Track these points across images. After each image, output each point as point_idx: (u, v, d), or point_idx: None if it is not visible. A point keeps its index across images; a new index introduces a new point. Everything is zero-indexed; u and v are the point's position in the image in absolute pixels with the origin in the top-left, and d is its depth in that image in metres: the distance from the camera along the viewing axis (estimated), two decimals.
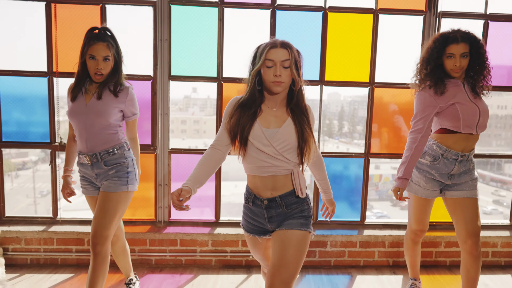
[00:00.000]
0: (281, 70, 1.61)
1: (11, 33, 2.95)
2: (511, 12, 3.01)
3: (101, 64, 2.05)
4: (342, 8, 2.94)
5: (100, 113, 2.07)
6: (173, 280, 2.75)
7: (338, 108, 24.50)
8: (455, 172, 2.17)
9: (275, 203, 1.70)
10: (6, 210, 3.03)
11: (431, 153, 2.19)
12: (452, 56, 2.09)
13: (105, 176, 2.13)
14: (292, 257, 1.62)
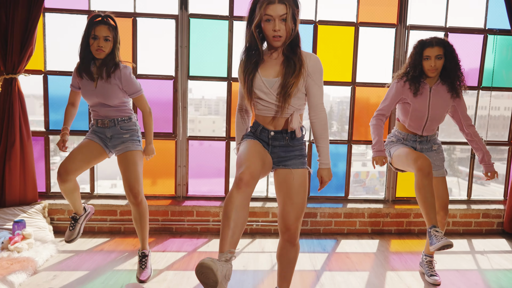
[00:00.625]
0: (280, 24, 1.73)
1: (59, 40, 3.54)
2: (466, 25, 3.69)
3: (102, 43, 2.38)
4: (329, 22, 3.60)
5: (107, 95, 2.44)
6: (191, 243, 3.36)
7: (327, 109, 25.14)
8: (418, 149, 2.66)
9: (280, 135, 1.89)
10: (51, 187, 3.63)
11: (395, 136, 2.74)
12: (428, 58, 2.49)
13: (119, 139, 2.52)
14: (299, 195, 1.88)
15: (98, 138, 2.58)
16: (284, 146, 1.91)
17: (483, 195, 4.14)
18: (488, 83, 3.76)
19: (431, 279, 2.70)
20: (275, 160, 1.93)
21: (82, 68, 2.47)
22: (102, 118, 2.55)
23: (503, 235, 3.74)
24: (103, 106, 2.52)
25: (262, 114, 1.91)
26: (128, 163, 2.52)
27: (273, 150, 1.92)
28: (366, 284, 2.70)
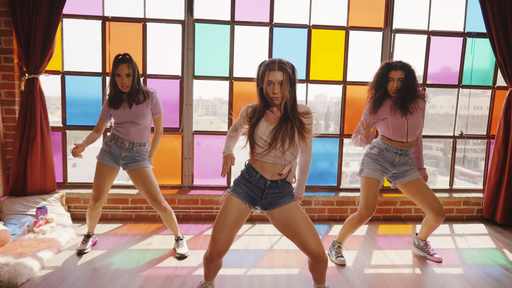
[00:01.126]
0: (278, 88, 2.04)
1: (75, 43, 3.86)
2: (447, 29, 4.04)
3: (125, 80, 2.78)
4: (322, 26, 3.94)
5: (139, 115, 2.87)
6: (197, 227, 3.69)
7: (325, 109, 25.66)
8: (396, 163, 2.82)
9: (276, 184, 2.16)
10: (68, 178, 3.95)
11: (378, 146, 2.84)
12: (391, 79, 2.74)
13: (132, 159, 2.90)
14: (307, 222, 2.11)
15: (110, 158, 2.92)
16: (278, 192, 2.18)
17: (465, 185, 4.48)
18: (467, 82, 4.11)
19: (434, 258, 3.04)
20: (266, 203, 2.20)
21: (115, 101, 2.86)
22: (123, 139, 2.89)
23: (481, 221, 4.09)
24: (132, 124, 2.87)
25: (262, 160, 2.13)
26: (146, 179, 2.92)
27: (267, 196, 2.18)
28: (355, 260, 3.03)
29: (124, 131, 2.90)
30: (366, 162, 2.88)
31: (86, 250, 3.01)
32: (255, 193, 2.18)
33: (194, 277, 2.67)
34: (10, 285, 2.46)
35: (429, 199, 2.82)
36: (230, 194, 2.19)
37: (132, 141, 2.91)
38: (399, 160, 2.82)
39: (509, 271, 2.90)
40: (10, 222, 3.34)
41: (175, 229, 3.11)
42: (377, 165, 2.83)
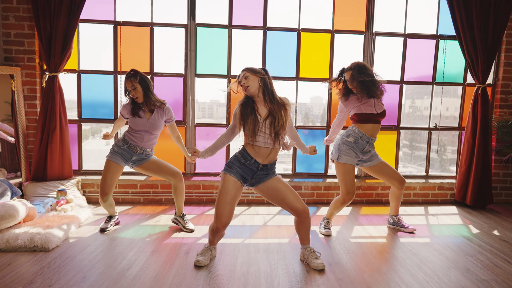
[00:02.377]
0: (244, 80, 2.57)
1: (91, 45, 4.31)
2: (422, 32, 4.52)
3: (132, 93, 3.19)
4: (310, 29, 4.41)
5: (155, 126, 3.31)
6: (199, 209, 4.13)
7: (321, 111, 26.28)
8: (365, 150, 3.29)
9: (266, 167, 2.64)
10: (83, 165, 4.39)
11: (354, 135, 3.23)
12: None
13: (140, 160, 3.36)
14: (287, 187, 2.66)
15: (121, 158, 3.32)
16: (266, 172, 2.66)
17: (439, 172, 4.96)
18: (440, 79, 4.59)
19: (409, 229, 3.51)
20: (254, 182, 2.67)
21: (134, 109, 3.28)
22: (136, 146, 3.31)
23: (454, 204, 4.57)
24: (147, 133, 3.30)
25: (259, 145, 2.57)
26: (159, 164, 3.42)
27: (257, 177, 2.65)
28: (337, 233, 3.49)
29: (138, 138, 3.31)
30: (344, 149, 3.24)
31: (108, 229, 3.41)
32: (247, 174, 2.64)
33: (199, 245, 3.12)
34: (42, 249, 2.90)
35: (391, 173, 3.36)
36: (227, 174, 2.63)
37: (144, 148, 3.35)
38: (368, 148, 3.30)
39: (470, 240, 3.37)
40: (34, 203, 3.77)
41: (181, 202, 3.50)
42: (352, 152, 3.25)
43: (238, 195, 2.64)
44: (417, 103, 19.85)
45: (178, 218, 3.54)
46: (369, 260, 2.90)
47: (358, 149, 3.27)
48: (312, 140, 4.63)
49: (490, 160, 4.37)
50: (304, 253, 2.81)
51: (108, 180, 3.29)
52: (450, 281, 2.60)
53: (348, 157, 3.24)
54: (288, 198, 2.64)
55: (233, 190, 2.60)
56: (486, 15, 4.18)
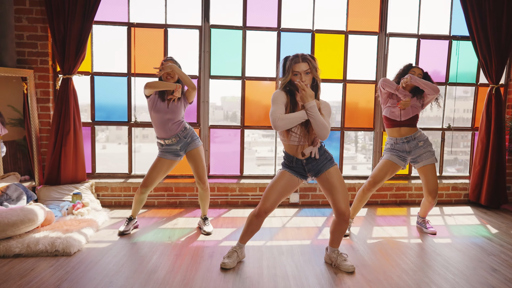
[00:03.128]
0: (305, 77, 2.42)
1: (104, 47, 4.27)
2: (435, 33, 4.53)
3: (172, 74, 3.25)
4: (324, 31, 4.40)
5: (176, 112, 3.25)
6: (214, 212, 4.10)
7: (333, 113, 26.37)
8: (409, 149, 3.36)
9: (310, 159, 2.58)
10: (96, 168, 4.35)
11: (389, 142, 3.41)
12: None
13: (186, 145, 3.33)
14: (342, 185, 2.57)
15: (170, 154, 3.32)
16: (315, 163, 2.58)
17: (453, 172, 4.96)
18: (453, 80, 4.60)
19: (429, 230, 3.52)
20: (313, 173, 2.61)
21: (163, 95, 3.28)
22: (168, 137, 3.27)
23: (468, 204, 4.57)
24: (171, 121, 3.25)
25: (292, 144, 2.54)
26: (196, 159, 3.35)
27: (310, 169, 2.59)
28: (358, 233, 3.47)
29: (163, 131, 3.26)
30: (385, 151, 3.43)
31: (127, 231, 3.37)
32: (300, 170, 2.62)
33: (221, 247, 3.09)
34: (64, 254, 2.85)
35: (428, 180, 3.32)
36: (284, 170, 2.63)
37: (175, 134, 3.29)
38: (410, 146, 3.32)
39: (491, 240, 3.36)
40: (49, 207, 3.72)
41: (206, 208, 3.52)
42: (393, 153, 3.36)
43: (290, 188, 2.62)
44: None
45: (200, 220, 3.56)
46: (394, 260, 2.89)
47: (399, 150, 3.35)
48: (329, 142, 4.60)
49: (504, 160, 4.37)
50: (331, 256, 2.78)
51: (153, 174, 3.29)
52: (478, 280, 2.58)
53: (388, 153, 3.38)
54: (337, 194, 2.58)
55: (285, 181, 2.59)
56: (500, 14, 4.19)
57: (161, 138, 3.33)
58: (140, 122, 4.28)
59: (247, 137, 4.55)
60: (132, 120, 4.29)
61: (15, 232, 2.95)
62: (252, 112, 4.44)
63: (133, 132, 4.31)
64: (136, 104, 4.26)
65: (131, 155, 4.34)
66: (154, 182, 3.31)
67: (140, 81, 4.21)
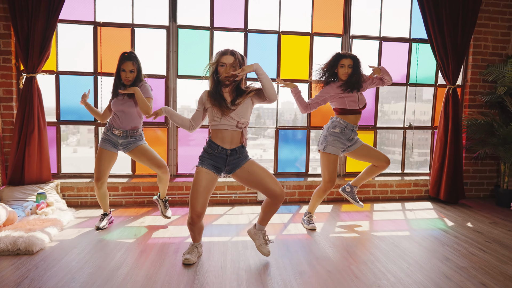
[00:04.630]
0: (230, 69, 2.52)
1: (70, 46, 4.24)
2: (396, 35, 4.72)
3: (128, 74, 3.26)
4: (290, 32, 4.52)
5: (131, 105, 3.31)
6: (182, 210, 4.13)
7: (292, 116, 26.58)
8: (352, 137, 3.52)
9: (235, 151, 2.63)
10: (62, 168, 4.29)
11: (339, 125, 3.49)
12: (343, 66, 3.39)
13: (128, 144, 3.35)
14: (263, 171, 2.66)
15: (109, 145, 3.35)
16: (237, 159, 2.66)
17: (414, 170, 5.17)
18: (413, 81, 4.80)
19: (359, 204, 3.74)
20: (229, 169, 2.67)
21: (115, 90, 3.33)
22: (117, 128, 3.33)
23: (428, 199, 4.77)
24: (123, 113, 3.31)
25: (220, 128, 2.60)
26: (146, 153, 3.41)
27: (229, 163, 2.66)
28: (321, 229, 3.58)
29: (117, 120, 3.34)
30: (330, 140, 3.42)
31: (104, 227, 3.40)
32: (219, 163, 2.65)
33: (186, 244, 3.12)
34: (27, 252, 2.82)
35: (376, 154, 3.53)
36: (199, 167, 2.65)
37: (126, 129, 3.35)
38: (353, 135, 3.50)
39: (446, 232, 3.54)
40: (12, 207, 3.65)
41: (165, 190, 3.63)
42: (338, 143, 3.43)
43: (211, 186, 2.65)
44: (385, 108, 20.47)
45: (160, 201, 3.64)
46: (354, 253, 3.00)
47: (344, 138, 3.46)
48: (292, 142, 4.72)
49: (461, 157, 4.60)
50: (256, 233, 2.86)
51: (101, 167, 3.31)
52: (432, 269, 2.73)
53: (333, 147, 3.42)
54: (266, 180, 2.64)
55: (204, 180, 2.60)
56: (455, 21, 4.42)
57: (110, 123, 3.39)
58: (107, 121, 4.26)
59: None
60: None
61: None
62: None
63: (99, 131, 4.28)
64: (103, 103, 4.24)
65: None
66: (105, 173, 3.34)
67: (107, 80, 4.20)
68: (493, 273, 2.68)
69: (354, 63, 3.41)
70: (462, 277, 2.61)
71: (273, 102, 2.63)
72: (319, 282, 2.49)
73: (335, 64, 3.44)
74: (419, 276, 2.60)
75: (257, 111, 4.83)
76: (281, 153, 4.66)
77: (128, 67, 3.23)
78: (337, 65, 3.44)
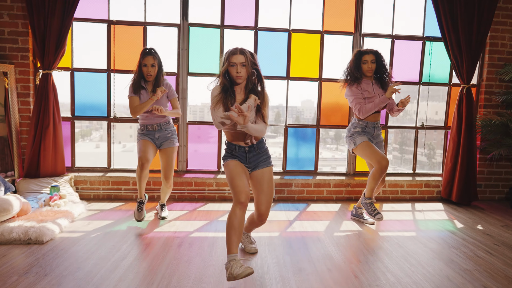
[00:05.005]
0: (240, 68, 2.44)
1: (84, 43, 4.36)
2: (408, 33, 4.65)
3: (150, 69, 3.39)
4: (300, 30, 4.52)
5: (160, 103, 3.43)
6: (191, 206, 4.20)
7: (312, 115, 26.52)
8: (375, 134, 3.59)
9: (252, 147, 2.60)
10: (76, 162, 4.43)
11: (359, 126, 3.56)
12: (366, 62, 3.51)
13: (164, 137, 3.50)
14: (270, 188, 2.60)
15: (148, 138, 3.49)
16: (256, 154, 2.61)
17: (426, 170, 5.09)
18: (426, 80, 4.73)
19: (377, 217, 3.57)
20: (252, 166, 2.61)
21: (135, 88, 3.37)
22: (152, 124, 3.46)
23: (440, 201, 4.70)
24: (151, 113, 3.42)
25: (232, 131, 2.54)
26: (168, 158, 3.50)
27: (250, 160, 2.60)
28: (327, 227, 3.58)
29: (146, 119, 3.46)
30: (355, 135, 3.55)
31: (143, 217, 3.50)
32: (242, 160, 2.59)
33: (191, 238, 3.19)
34: (37, 242, 2.94)
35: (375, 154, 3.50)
36: (227, 160, 2.59)
37: (159, 123, 3.47)
38: (376, 132, 3.62)
39: (454, 234, 3.48)
40: (27, 199, 3.80)
41: (165, 198, 3.75)
42: (364, 136, 3.56)
43: (247, 173, 2.57)
44: (406, 107, 20.56)
45: (158, 206, 3.80)
46: (357, 252, 3.00)
47: (369, 134, 3.57)
48: (302, 140, 4.72)
49: (474, 158, 4.50)
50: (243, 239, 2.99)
51: (143, 151, 3.35)
52: (434, 270, 2.70)
53: (361, 136, 3.54)
54: (261, 196, 2.62)
55: (239, 166, 2.54)
56: (471, 18, 4.32)
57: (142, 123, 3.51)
58: (119, 118, 4.38)
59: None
60: (111, 115, 4.38)
61: None
62: None
63: (112, 127, 4.40)
64: (115, 99, 4.35)
65: (110, 150, 4.42)
66: (148, 156, 3.36)
67: (120, 78, 4.30)
68: (498, 276, 2.63)
69: (377, 57, 3.48)
70: (464, 279, 2.57)
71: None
72: (317, 280, 2.50)
73: (358, 62, 3.48)
74: (420, 277, 2.58)
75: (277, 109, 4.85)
76: (290, 151, 4.67)
77: (150, 61, 3.33)
78: (360, 62, 3.48)
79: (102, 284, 2.34)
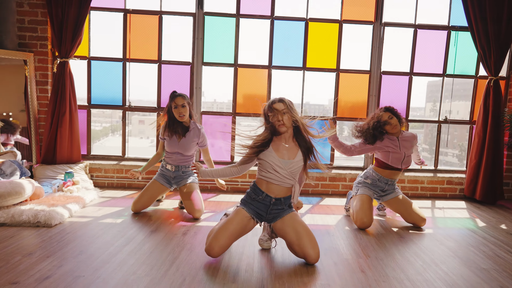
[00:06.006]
0: (281, 115, 2.39)
1: (100, 32, 4.41)
2: (432, 23, 4.44)
3: (181, 110, 3.36)
4: (318, 19, 4.39)
5: (186, 148, 3.43)
6: (202, 196, 4.16)
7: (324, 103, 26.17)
8: (386, 189, 3.43)
9: (279, 201, 2.52)
10: (92, 150, 4.49)
11: (371, 177, 3.44)
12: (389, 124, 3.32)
13: (181, 179, 3.48)
14: (305, 228, 2.48)
15: (163, 179, 3.50)
16: (280, 209, 2.54)
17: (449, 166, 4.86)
18: (452, 71, 4.50)
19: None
20: (271, 218, 2.55)
21: (172, 129, 3.41)
22: (171, 164, 3.47)
23: (463, 199, 4.47)
24: (178, 155, 3.44)
25: (268, 181, 2.50)
26: (190, 192, 3.40)
27: (271, 212, 2.54)
28: (338, 221, 3.46)
29: (172, 159, 3.47)
30: (362, 186, 3.45)
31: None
32: (261, 210, 2.54)
33: (197, 227, 3.15)
34: (45, 225, 2.98)
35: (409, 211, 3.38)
36: (241, 207, 2.55)
37: (178, 165, 3.48)
38: (388, 188, 3.46)
39: (474, 233, 3.29)
40: (42, 184, 3.87)
41: None
42: (369, 190, 3.43)
43: (243, 231, 2.53)
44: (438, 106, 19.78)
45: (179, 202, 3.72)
46: (367, 247, 2.87)
47: (377, 188, 3.45)
48: None
49: (501, 155, 4.25)
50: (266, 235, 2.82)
51: (144, 198, 3.42)
52: (448, 268, 2.54)
53: (365, 189, 3.42)
54: (303, 241, 2.46)
55: (240, 222, 2.49)
56: (500, 6, 4.07)
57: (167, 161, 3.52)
58: (134, 107, 4.40)
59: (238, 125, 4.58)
60: (126, 104, 4.41)
61: (2, 203, 3.11)
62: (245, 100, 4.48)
63: (127, 115, 4.42)
64: (130, 88, 4.37)
65: (125, 138, 4.45)
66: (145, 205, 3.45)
67: (135, 66, 4.32)
68: None
69: (394, 114, 3.39)
70: (480, 278, 2.41)
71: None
72: (321, 273, 2.41)
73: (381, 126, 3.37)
74: (432, 275, 2.43)
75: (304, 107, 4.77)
76: None
77: (180, 101, 3.34)
78: (382, 126, 3.37)
79: (102, 267, 2.33)
